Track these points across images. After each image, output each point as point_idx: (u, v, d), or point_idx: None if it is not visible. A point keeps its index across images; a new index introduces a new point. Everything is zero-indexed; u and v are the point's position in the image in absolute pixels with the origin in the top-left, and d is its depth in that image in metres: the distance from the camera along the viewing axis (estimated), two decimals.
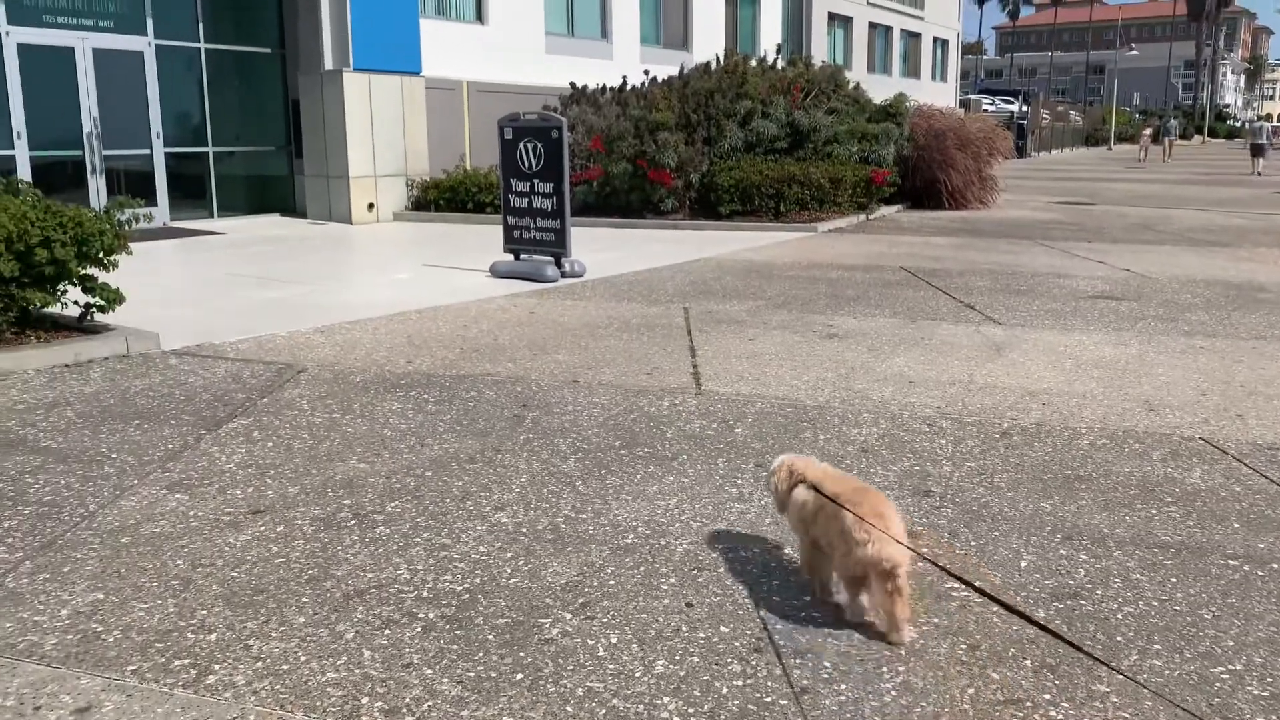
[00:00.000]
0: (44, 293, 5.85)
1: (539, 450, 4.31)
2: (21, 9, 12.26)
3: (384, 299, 8.10)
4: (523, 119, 9.32)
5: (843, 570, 2.79)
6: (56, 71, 12.67)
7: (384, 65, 14.61)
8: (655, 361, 5.94)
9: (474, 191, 14.85)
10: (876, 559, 2.63)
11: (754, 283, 8.96)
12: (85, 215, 5.91)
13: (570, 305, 7.87)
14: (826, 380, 5.48)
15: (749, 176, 13.87)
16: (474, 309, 7.69)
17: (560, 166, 9.04)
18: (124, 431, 4.56)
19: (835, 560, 2.81)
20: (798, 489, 2.94)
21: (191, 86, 14.28)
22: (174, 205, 14.14)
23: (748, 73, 15.06)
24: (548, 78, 17.81)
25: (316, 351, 6.20)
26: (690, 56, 21.67)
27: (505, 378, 5.55)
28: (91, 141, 13.07)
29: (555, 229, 9.17)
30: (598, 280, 9.12)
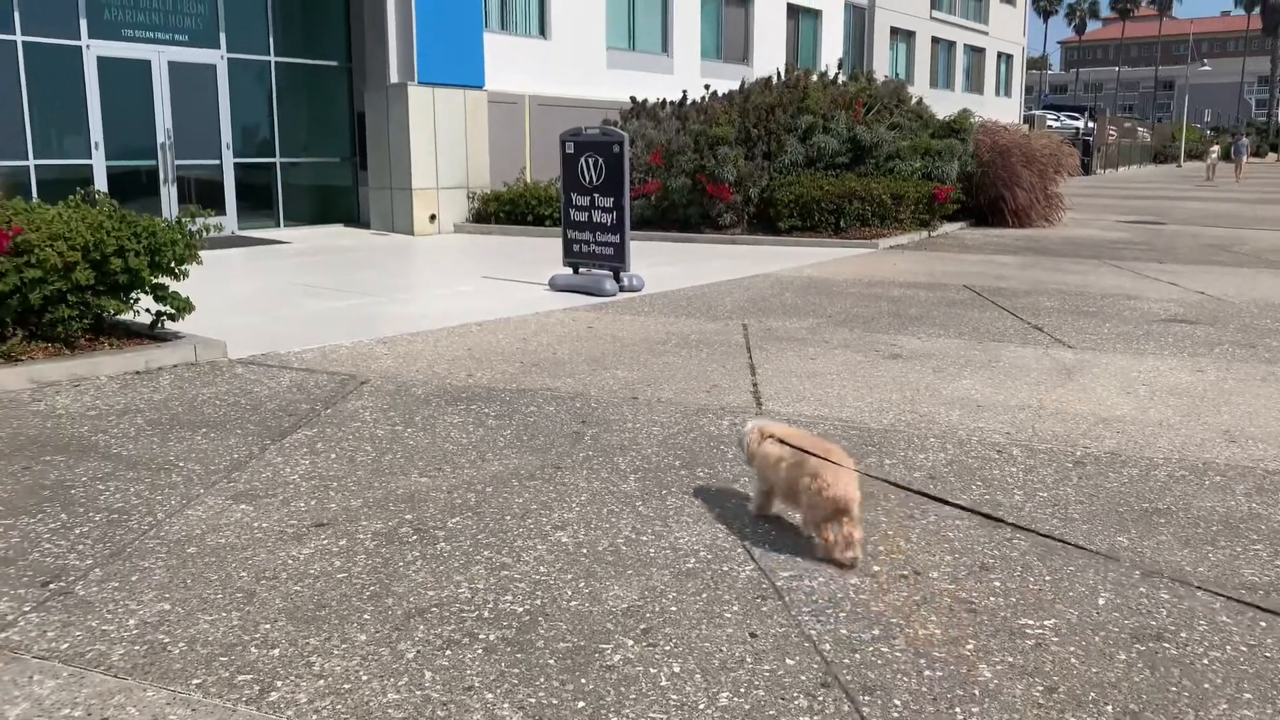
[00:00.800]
0: (118, 300, 5.99)
1: (599, 468, 4.27)
2: (102, 23, 12.65)
3: (445, 311, 8.16)
4: (584, 133, 9.35)
5: (809, 508, 3.39)
6: (133, 84, 13.04)
7: (448, 79, 14.79)
8: (715, 379, 5.88)
9: (534, 204, 14.95)
10: (837, 498, 3.28)
11: (814, 300, 8.86)
12: (158, 225, 6.04)
13: (629, 320, 7.85)
14: (891, 402, 5.38)
15: (809, 192, 13.76)
16: (533, 322, 7.71)
17: (621, 181, 9.04)
18: (191, 440, 4.62)
19: (803, 500, 3.41)
20: (766, 442, 3.63)
21: (261, 99, 14.60)
22: (242, 214, 14.45)
23: (809, 87, 14.96)
24: (608, 92, 17.90)
25: (379, 363, 6.25)
26: (751, 71, 21.64)
27: (565, 393, 5.54)
28: (164, 152, 13.41)
29: (614, 243, 9.17)
30: (656, 295, 9.10)
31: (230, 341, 6.50)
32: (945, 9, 32.37)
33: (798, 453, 3.45)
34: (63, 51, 12.30)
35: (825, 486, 3.30)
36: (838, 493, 3.28)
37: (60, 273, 5.62)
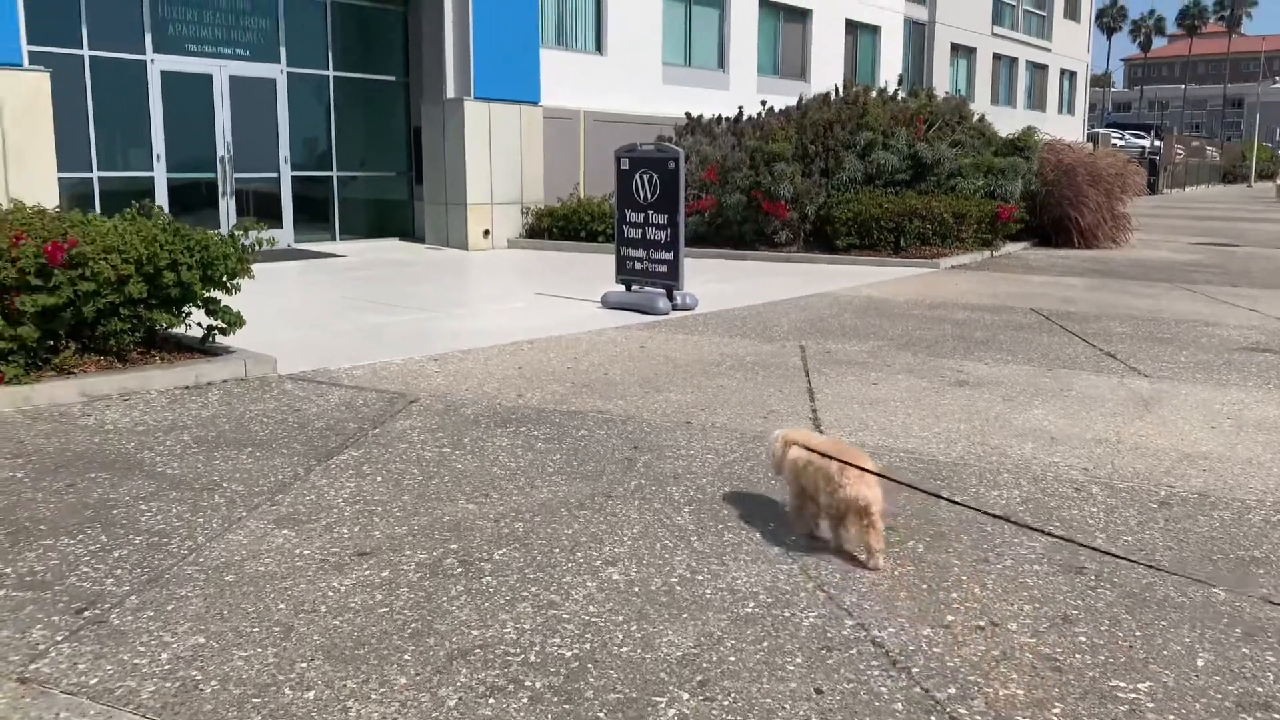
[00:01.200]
0: (170, 314, 5.96)
1: (651, 498, 4.09)
2: (166, 38, 12.85)
3: (497, 328, 8.06)
4: (639, 149, 9.21)
5: (827, 509, 3.49)
6: (195, 97, 13.21)
7: (504, 94, 14.79)
8: (771, 404, 5.67)
9: (587, 220, 14.87)
10: (854, 498, 3.35)
11: (874, 321, 8.60)
12: (211, 239, 6.00)
13: (682, 340, 7.66)
14: (959, 433, 5.12)
15: (868, 209, 13.48)
16: (585, 341, 7.56)
17: (676, 198, 8.89)
18: (236, 459, 4.53)
19: (821, 501, 3.50)
20: (792, 449, 3.66)
21: (319, 113, 14.73)
22: (298, 228, 14.57)
23: (869, 103, 14.70)
24: (664, 107, 17.79)
25: (429, 381, 6.15)
26: (808, 87, 21.41)
27: (616, 416, 5.37)
28: (224, 165, 13.57)
29: (668, 261, 9.00)
30: (710, 314, 8.91)
31: (281, 357, 6.45)
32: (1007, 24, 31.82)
33: (820, 456, 3.53)
34: (128, 66, 12.51)
35: (840, 487, 3.38)
36: (852, 493, 3.35)
37: (113, 286, 5.60)
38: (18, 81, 10.06)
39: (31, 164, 10.26)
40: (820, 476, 3.47)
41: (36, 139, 10.26)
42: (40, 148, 10.30)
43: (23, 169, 10.19)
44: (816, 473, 3.50)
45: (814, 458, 3.53)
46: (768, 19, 20.96)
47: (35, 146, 10.26)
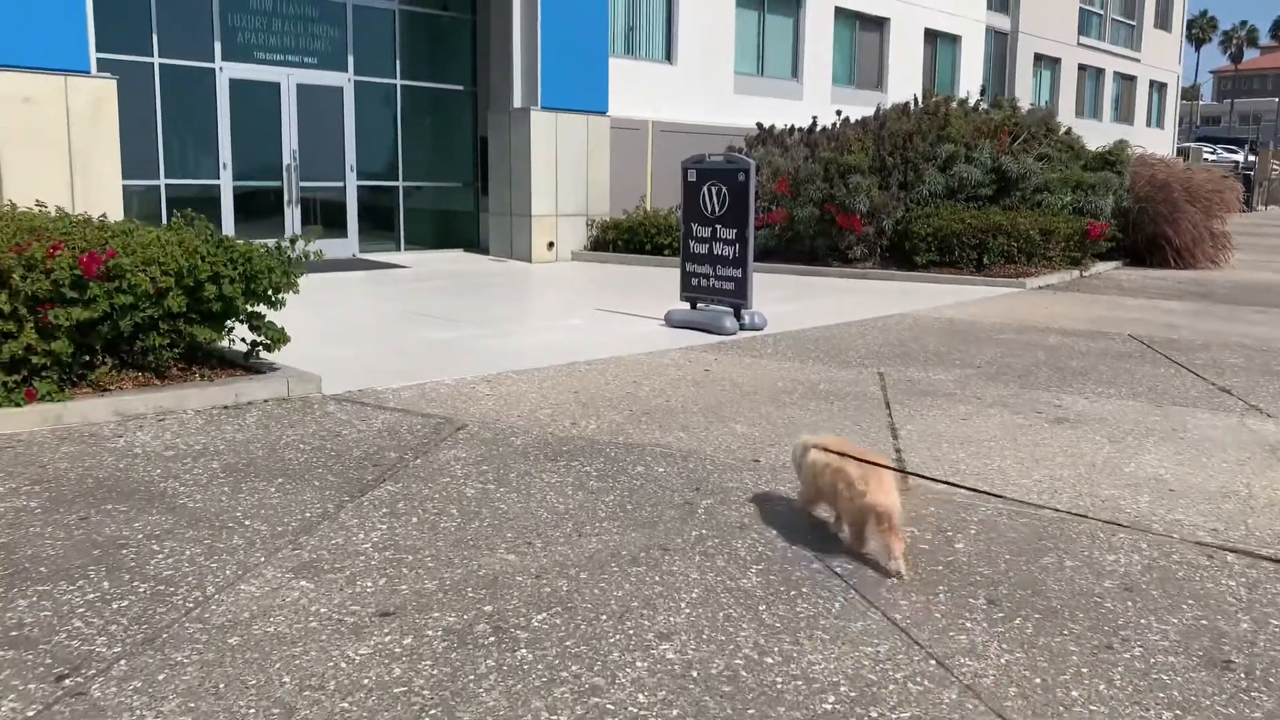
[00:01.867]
0: (211, 329, 5.67)
1: (714, 553, 3.62)
2: (235, 46, 12.80)
3: (554, 346, 7.66)
4: (708, 161, 8.76)
5: (848, 514, 3.53)
6: (262, 106, 13.15)
7: (571, 104, 14.48)
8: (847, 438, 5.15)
9: (653, 233, 14.46)
10: (874, 505, 3.37)
11: (959, 346, 8.01)
12: (255, 251, 5.71)
13: (749, 364, 7.17)
14: (1063, 481, 4.55)
15: (949, 225, 12.82)
16: (646, 363, 7.12)
17: (745, 212, 8.41)
18: (264, 492, 4.18)
19: (841, 506, 3.55)
20: (811, 451, 3.72)
21: (385, 122, 14.58)
22: (363, 237, 14.42)
23: (951, 114, 14.03)
24: (734, 118, 17.33)
25: (479, 405, 5.76)
26: (885, 98, 20.75)
27: (676, 451, 4.91)
28: (290, 173, 13.47)
29: (736, 278, 8.52)
30: (780, 335, 8.40)
31: (327, 375, 6.13)
32: (1094, 34, 30.65)
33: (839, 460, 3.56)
34: (197, 74, 12.48)
35: (861, 494, 3.41)
36: (872, 500, 3.38)
37: (152, 299, 5.33)
38: (85, 88, 10.01)
39: (98, 170, 10.20)
40: (838, 481, 3.53)
41: (102, 145, 10.21)
42: (106, 154, 10.24)
43: (89, 175, 10.14)
44: (833, 477, 3.56)
45: (832, 459, 3.59)
46: (844, 28, 20.37)
47: (101, 153, 10.21)
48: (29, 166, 9.71)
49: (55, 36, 9.72)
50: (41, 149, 9.78)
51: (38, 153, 9.76)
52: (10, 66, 9.50)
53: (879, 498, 3.38)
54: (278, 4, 13.10)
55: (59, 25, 9.74)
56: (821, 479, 3.64)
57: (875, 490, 3.39)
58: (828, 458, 3.62)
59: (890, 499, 3.38)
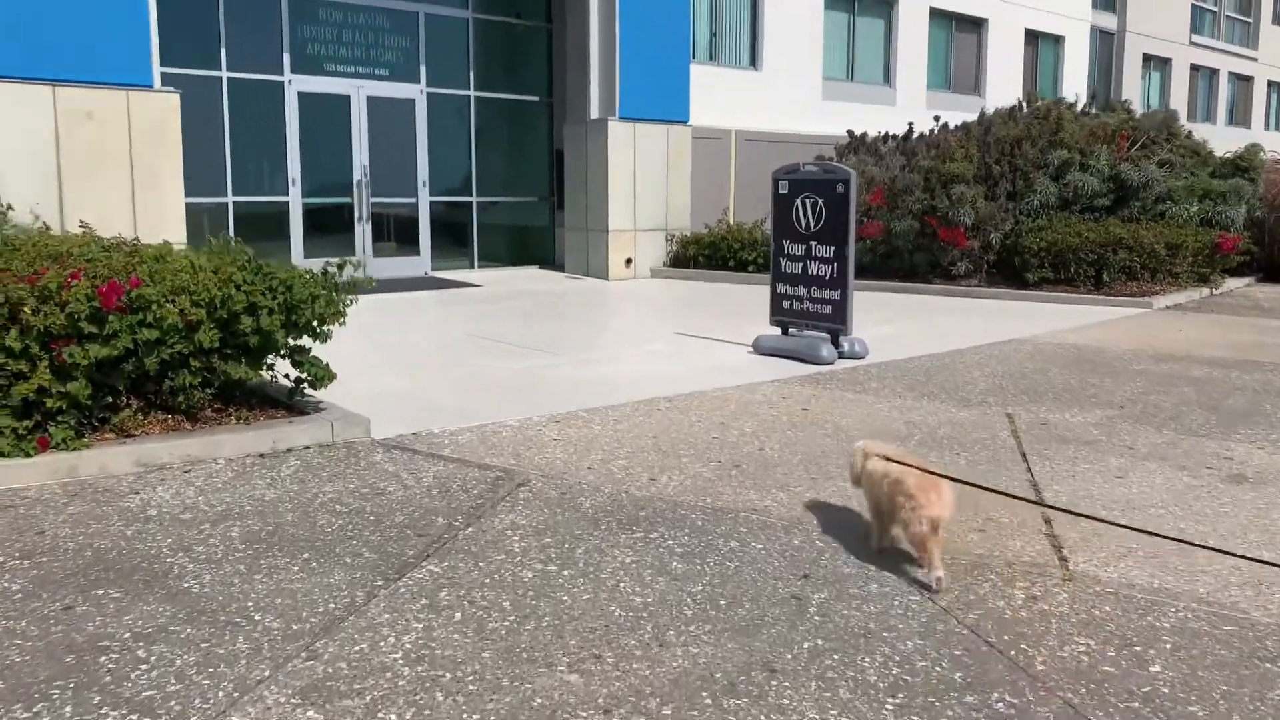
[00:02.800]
0: (248, 366, 5.06)
1: (834, 678, 2.80)
2: (304, 58, 12.42)
3: (632, 377, 6.91)
4: (802, 170, 7.93)
5: (904, 522, 3.46)
6: (331, 119, 12.74)
7: (650, 114, 13.78)
8: (984, 505, 4.27)
9: (736, 248, 13.66)
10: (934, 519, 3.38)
11: (1092, 379, 7.01)
12: (297, 278, 5.08)
13: (853, 401, 6.31)
14: (1268, 569, 3.60)
15: (1064, 238, 11.72)
16: (734, 399, 6.31)
17: (844, 227, 7.55)
18: (285, 572, 3.50)
19: (898, 515, 3.48)
20: (870, 460, 3.69)
21: (459, 135, 14.08)
22: (436, 254, 13.92)
23: (1064, 118, 12.90)
24: (822, 125, 16.42)
25: (545, 453, 5.03)
26: (983, 102, 19.60)
27: (776, 518, 4.09)
28: (360, 189, 13.04)
29: (834, 301, 7.66)
30: (884, 364, 7.51)
31: (380, 412, 5.48)
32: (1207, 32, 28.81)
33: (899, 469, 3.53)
34: (265, 87, 12.13)
35: (920, 506, 3.39)
36: (933, 513, 3.38)
37: (181, 333, 4.73)
38: (148, 103, 9.66)
39: (161, 188, 9.84)
40: (898, 493, 3.49)
41: (166, 162, 9.84)
42: (169, 171, 9.87)
43: (151, 191, 9.77)
44: (892, 487, 3.53)
45: (891, 469, 3.57)
46: (939, 29, 19.28)
47: (164, 170, 9.84)
48: (90, 185, 9.37)
49: (117, 51, 9.38)
50: (103, 167, 9.44)
51: (99, 170, 9.42)
52: (71, 81, 9.17)
53: (938, 510, 3.40)
54: (348, 14, 12.69)
55: (121, 39, 9.39)
56: (880, 490, 3.62)
57: (932, 503, 3.40)
58: (887, 467, 3.60)
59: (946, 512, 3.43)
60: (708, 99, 14.89)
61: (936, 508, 3.39)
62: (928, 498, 3.40)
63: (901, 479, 3.49)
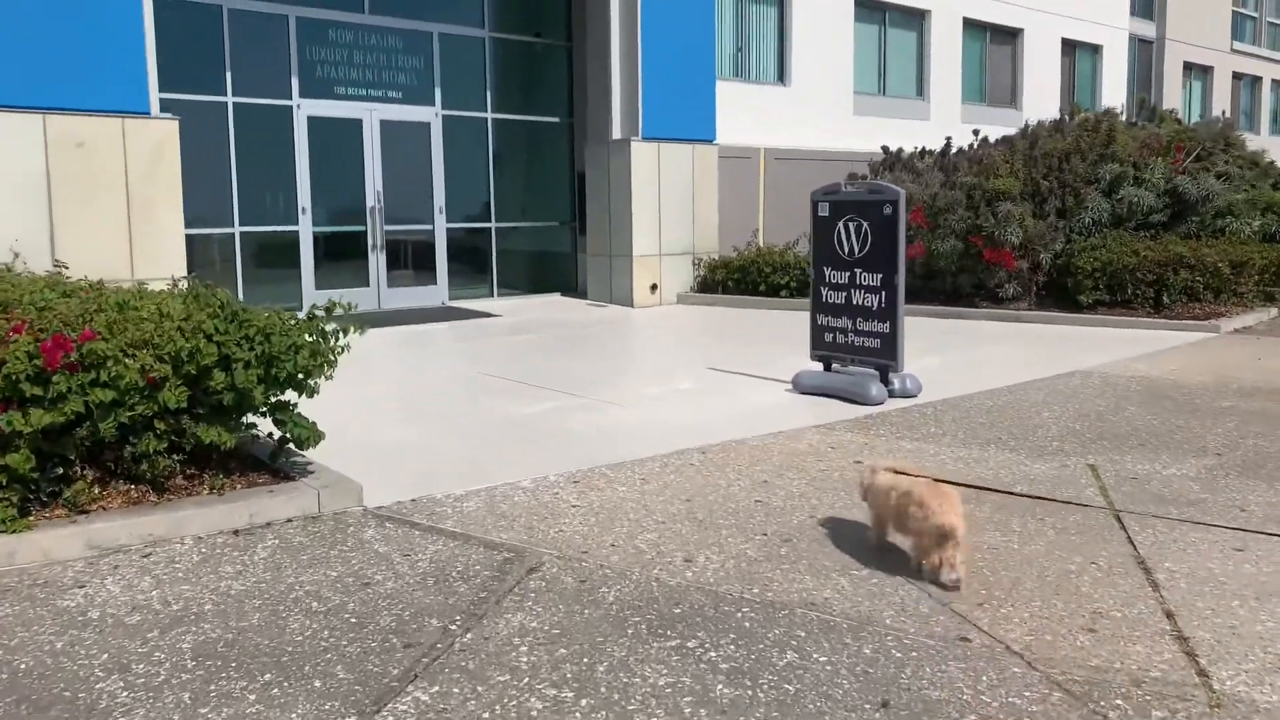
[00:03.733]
0: (222, 428, 4.42)
1: None
2: (313, 81, 11.91)
3: (659, 424, 6.22)
4: (844, 191, 7.24)
5: (917, 533, 3.63)
6: (343, 144, 12.21)
7: (675, 133, 13.15)
8: (1088, 594, 3.55)
9: (767, 272, 12.97)
10: (943, 526, 3.51)
11: (1175, 419, 6.24)
12: (276, 325, 4.45)
13: (911, 452, 5.59)
14: None
15: (1119, 258, 10.94)
16: (776, 450, 5.60)
17: (893, 252, 6.85)
18: (239, 702, 2.83)
19: (911, 527, 3.66)
20: (879, 474, 3.91)
21: (476, 159, 13.51)
22: (454, 283, 13.33)
23: (1116, 129, 12.13)
24: (854, 141, 15.74)
25: (562, 524, 4.35)
26: (1019, 115, 18.87)
27: (839, 614, 3.39)
28: (374, 216, 12.49)
29: (882, 333, 6.95)
30: (939, 404, 6.78)
31: (376, 475, 4.84)
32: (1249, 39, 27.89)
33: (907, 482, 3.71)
34: (272, 112, 11.61)
35: (931, 514, 3.53)
36: (942, 521, 3.51)
37: (143, 392, 4.11)
38: (144, 131, 9.13)
39: (158, 220, 9.30)
40: (909, 504, 3.63)
41: (163, 192, 9.30)
42: (167, 202, 9.34)
43: (148, 224, 9.24)
44: (900, 499, 3.69)
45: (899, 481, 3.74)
46: (973, 40, 18.56)
47: (162, 201, 9.31)
48: (83, 217, 8.84)
49: (111, 76, 8.88)
50: (96, 198, 8.92)
51: (92, 202, 8.89)
52: (60, 109, 8.66)
53: (946, 519, 3.51)
54: (359, 35, 12.18)
55: (115, 64, 8.89)
56: (888, 502, 3.78)
57: (941, 511, 3.52)
58: (894, 479, 3.78)
59: (956, 519, 3.53)
60: (734, 117, 14.25)
61: (948, 515, 3.52)
62: (940, 505, 3.54)
63: (911, 489, 3.65)
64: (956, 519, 3.52)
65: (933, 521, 3.52)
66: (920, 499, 3.59)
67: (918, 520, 3.58)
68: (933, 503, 3.55)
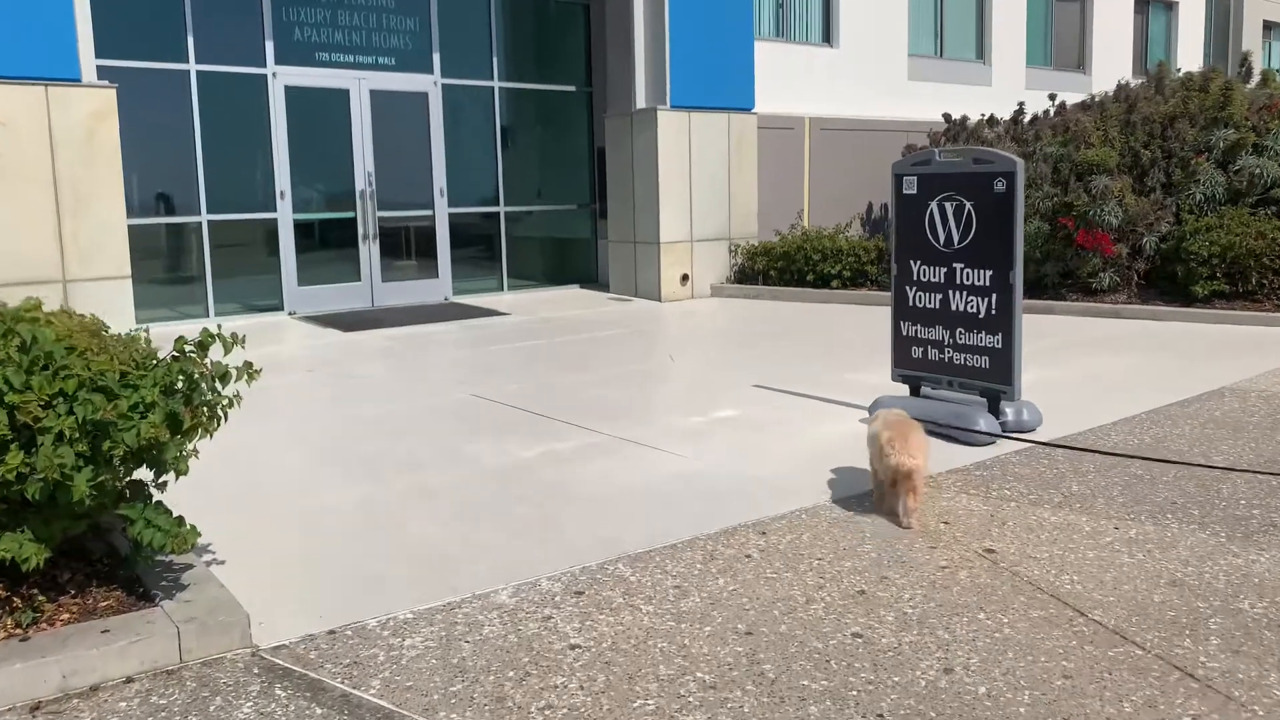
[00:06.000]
0: (28, 535, 2.86)
1: None
2: (292, 46, 10.33)
3: (699, 477, 4.61)
4: (937, 161, 5.55)
5: (880, 473, 4.00)
6: (328, 119, 10.64)
7: (708, 101, 11.46)
8: None
9: (815, 260, 11.30)
10: (897, 466, 3.81)
11: None
12: (109, 373, 2.87)
13: (1059, 526, 3.94)
14: None
15: (1242, 240, 9.15)
16: (866, 528, 3.97)
17: (1009, 241, 5.17)
18: None
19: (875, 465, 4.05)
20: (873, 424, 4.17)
21: (482, 134, 11.89)
22: (458, 275, 11.76)
23: (1232, 88, 10.29)
24: (910, 110, 13.97)
25: (553, 685, 2.76)
26: (1087, 80, 17.01)
27: None
28: (364, 200, 10.92)
29: (993, 349, 5.28)
30: (1067, 440, 5.11)
31: (287, 584, 3.31)
32: None
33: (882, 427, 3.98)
34: (244, 81, 10.05)
35: (888, 455, 3.82)
36: (895, 460, 3.79)
37: None
38: (73, 102, 7.62)
39: (93, 208, 7.80)
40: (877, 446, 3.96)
41: (100, 177, 7.80)
42: (105, 188, 7.84)
43: (83, 216, 7.75)
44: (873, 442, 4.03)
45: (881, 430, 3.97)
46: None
47: (99, 187, 7.81)
48: None
49: (31, 35, 7.34)
50: (13, 184, 7.41)
51: (7, 189, 7.38)
52: None
53: (900, 459, 3.77)
54: None
55: (34, 19, 7.35)
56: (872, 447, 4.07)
57: (899, 452, 3.78)
58: (876, 427, 4.04)
59: (911, 461, 3.76)
60: (776, 82, 12.53)
61: (901, 456, 3.77)
62: (893, 447, 3.80)
63: (878, 434, 3.95)
64: (909, 459, 3.72)
65: (889, 462, 3.78)
66: (886, 440, 3.82)
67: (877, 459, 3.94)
68: (892, 443, 3.77)
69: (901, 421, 3.97)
